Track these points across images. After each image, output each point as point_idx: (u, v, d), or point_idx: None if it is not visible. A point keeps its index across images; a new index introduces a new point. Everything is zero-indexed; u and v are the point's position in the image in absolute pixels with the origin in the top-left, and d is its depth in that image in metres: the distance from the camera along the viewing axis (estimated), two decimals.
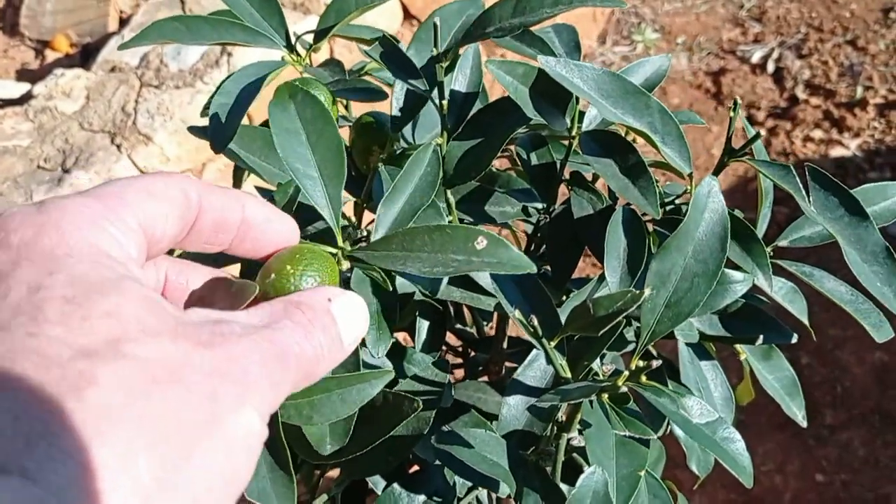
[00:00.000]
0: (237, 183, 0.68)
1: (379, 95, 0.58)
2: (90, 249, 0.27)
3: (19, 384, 0.23)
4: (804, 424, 0.64)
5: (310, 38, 0.63)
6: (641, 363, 0.41)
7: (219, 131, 0.52)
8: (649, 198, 0.52)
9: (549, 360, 0.45)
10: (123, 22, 1.85)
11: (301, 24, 1.45)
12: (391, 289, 0.51)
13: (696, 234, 0.43)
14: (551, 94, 0.54)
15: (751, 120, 2.05)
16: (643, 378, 0.43)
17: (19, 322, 0.25)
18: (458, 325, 0.76)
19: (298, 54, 0.61)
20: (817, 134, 2.01)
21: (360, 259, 0.42)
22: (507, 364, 0.74)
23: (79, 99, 1.37)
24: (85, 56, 1.87)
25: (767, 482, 1.45)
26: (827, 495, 1.44)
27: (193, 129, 0.64)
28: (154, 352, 0.25)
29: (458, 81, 0.57)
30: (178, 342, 0.26)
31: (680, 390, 0.46)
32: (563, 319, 0.48)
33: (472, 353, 0.76)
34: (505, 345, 0.72)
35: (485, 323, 0.77)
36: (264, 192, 0.64)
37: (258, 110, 0.80)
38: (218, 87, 0.65)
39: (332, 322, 0.31)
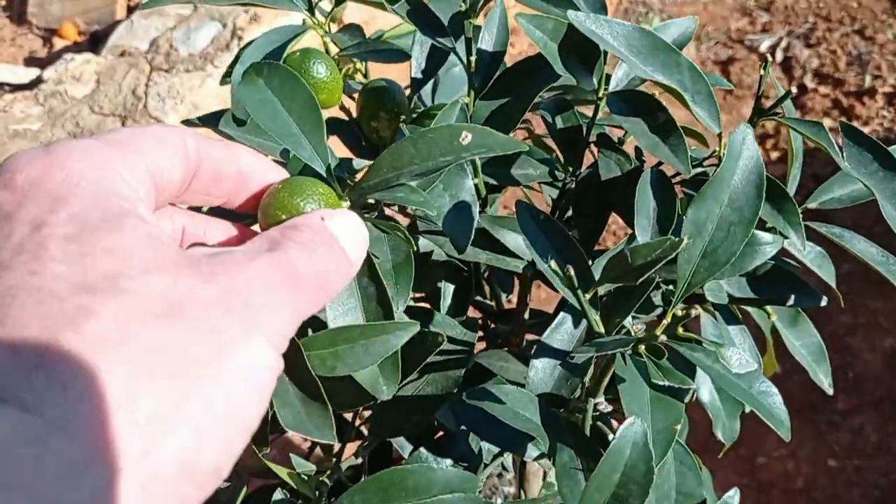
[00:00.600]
0: None
1: (400, 56, 0.57)
2: (95, 188, 0.27)
3: (18, 319, 0.23)
4: (830, 392, 0.64)
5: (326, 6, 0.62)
6: (680, 312, 0.41)
7: (241, 101, 0.51)
8: (680, 155, 0.51)
9: (584, 315, 0.44)
10: (131, 9, 1.85)
11: None
12: (415, 247, 0.50)
13: (732, 182, 0.42)
14: (580, 51, 0.53)
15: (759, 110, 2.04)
16: (680, 330, 0.42)
17: (21, 260, 0.25)
18: (478, 298, 0.75)
19: (325, 17, 0.60)
20: (826, 122, 2.00)
21: (359, 192, 0.42)
22: (528, 336, 0.73)
23: (89, 83, 1.37)
24: (93, 44, 1.86)
25: (779, 467, 1.45)
26: (839, 480, 1.43)
27: (188, 123, 0.63)
28: (154, 286, 0.25)
29: (485, 40, 0.56)
30: (180, 277, 0.26)
31: (717, 342, 0.45)
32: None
33: (493, 325, 0.75)
34: (526, 316, 0.71)
35: (504, 295, 0.76)
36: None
37: None
38: (238, 55, 0.65)
39: (332, 237, 0.31)
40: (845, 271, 1.59)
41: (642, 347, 0.43)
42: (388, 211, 0.54)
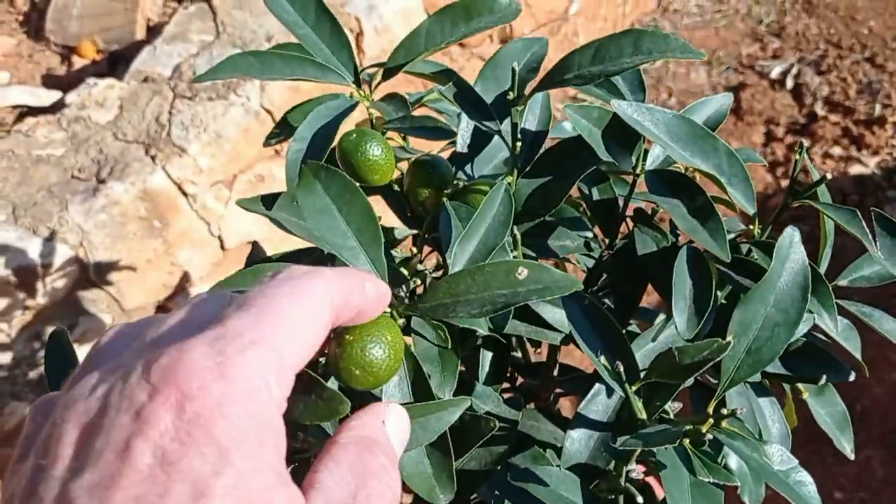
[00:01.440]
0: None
1: (445, 134, 0.59)
2: (255, 434, 0.26)
3: None
4: (852, 457, 0.66)
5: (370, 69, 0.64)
6: (725, 411, 0.42)
7: (296, 183, 0.52)
8: (719, 240, 0.53)
9: (628, 403, 0.46)
10: (151, 30, 1.86)
11: None
12: (449, 346, 0.52)
13: (778, 285, 0.44)
14: (622, 136, 0.55)
15: (770, 136, 2.06)
16: (724, 423, 0.44)
17: None
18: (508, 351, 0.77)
19: (364, 91, 0.62)
20: (836, 151, 2.02)
21: (413, 314, 0.44)
22: (556, 390, 0.75)
23: (112, 109, 1.39)
24: (112, 63, 1.88)
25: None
26: None
27: (242, 203, 0.64)
28: None
29: (528, 121, 0.58)
30: None
31: (758, 436, 0.47)
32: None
33: (520, 380, 0.77)
34: (556, 371, 0.73)
35: (532, 350, 0.78)
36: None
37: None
38: (284, 117, 0.67)
39: (393, 451, 0.33)
40: (853, 293, 1.61)
41: (686, 440, 0.45)
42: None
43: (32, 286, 1.26)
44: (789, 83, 2.21)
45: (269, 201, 0.56)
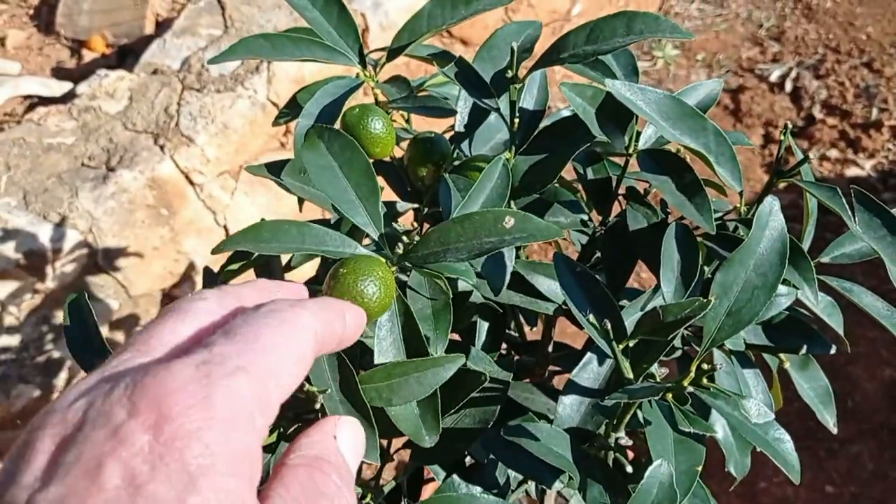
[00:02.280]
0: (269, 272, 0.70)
1: (446, 112, 0.61)
2: (228, 464, 0.25)
3: None
4: (835, 431, 0.68)
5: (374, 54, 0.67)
6: (706, 366, 0.45)
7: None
8: (705, 214, 0.56)
9: (616, 363, 0.49)
10: (160, 25, 1.89)
11: None
12: (451, 295, 0.55)
13: (758, 250, 0.47)
14: (615, 115, 0.58)
15: (768, 138, 2.09)
16: (704, 380, 0.46)
17: None
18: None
19: (372, 68, 0.65)
20: (833, 153, 2.05)
21: (406, 260, 0.47)
22: (551, 368, 0.78)
23: (122, 100, 1.42)
24: (121, 57, 1.91)
25: (779, 493, 1.49)
26: None
27: (252, 169, 0.67)
28: None
29: (526, 100, 0.60)
30: None
31: (739, 393, 0.49)
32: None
33: (516, 357, 0.80)
34: (550, 349, 0.75)
35: (528, 328, 0.80)
36: (322, 221, 0.66)
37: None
38: (293, 98, 0.70)
39: (347, 468, 0.32)
40: (845, 302, 1.64)
41: (670, 396, 0.47)
42: None
43: (42, 270, 1.29)
44: (788, 86, 2.24)
45: (276, 168, 0.59)
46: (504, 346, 0.81)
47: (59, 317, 1.34)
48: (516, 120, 0.57)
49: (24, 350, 1.33)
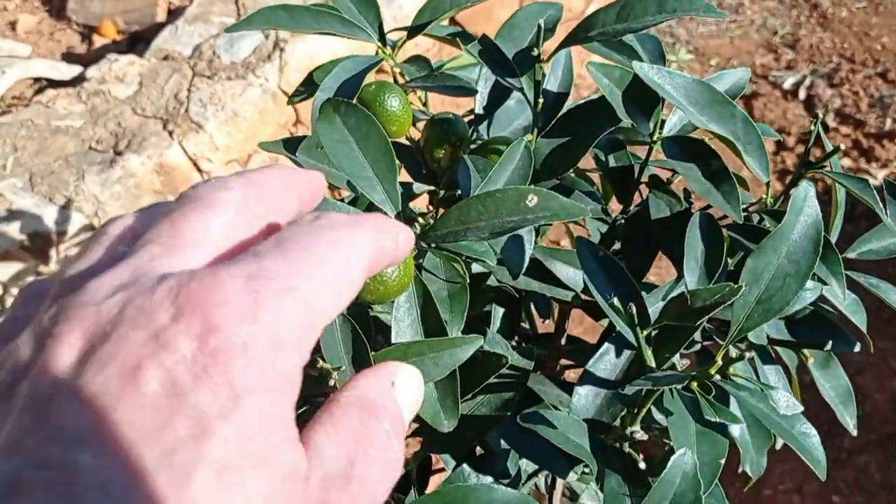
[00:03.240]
0: None
1: (466, 91, 0.60)
2: (273, 385, 0.24)
3: None
4: (854, 433, 0.66)
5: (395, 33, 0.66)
6: (734, 353, 0.43)
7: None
8: (732, 202, 0.54)
9: (639, 350, 0.47)
10: (172, 12, 1.88)
11: None
12: (467, 279, 0.53)
13: (792, 236, 0.45)
14: (641, 99, 0.56)
15: (781, 145, 2.08)
16: (731, 369, 0.45)
17: (164, 480, 0.22)
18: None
19: (391, 48, 0.63)
20: (846, 162, 2.03)
21: (425, 239, 0.45)
22: (562, 362, 0.76)
23: (132, 84, 1.40)
24: (132, 43, 1.90)
25: (785, 500, 1.47)
26: None
27: (265, 146, 0.65)
28: None
29: (550, 81, 0.59)
30: None
31: (767, 384, 0.48)
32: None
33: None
34: (563, 341, 0.74)
35: (540, 320, 0.79)
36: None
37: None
38: (310, 76, 0.68)
39: (401, 418, 0.30)
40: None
41: (694, 384, 0.46)
42: None
43: (46, 252, 1.27)
44: (802, 94, 2.22)
45: (292, 145, 0.58)
46: (515, 338, 0.79)
47: None
48: (540, 101, 0.55)
49: None
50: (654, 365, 0.48)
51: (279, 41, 1.43)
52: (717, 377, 0.44)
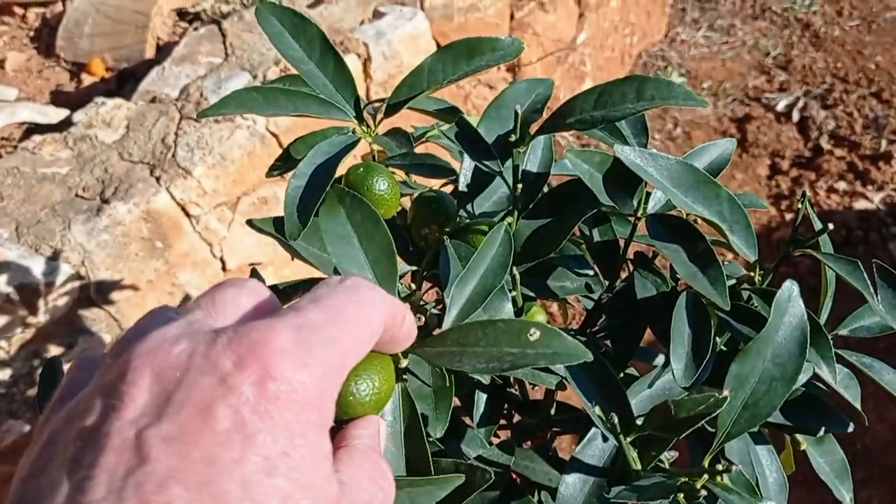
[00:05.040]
0: None
1: (445, 172, 0.58)
2: (318, 425, 0.28)
3: None
4: None
5: (368, 102, 0.64)
6: (720, 466, 0.42)
7: (294, 219, 0.52)
8: (718, 288, 0.53)
9: (621, 451, 0.46)
10: (160, 49, 1.88)
11: None
12: (452, 387, 0.51)
13: (776, 339, 0.44)
14: (623, 180, 0.55)
15: (775, 169, 2.06)
16: (718, 478, 0.43)
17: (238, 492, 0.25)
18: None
19: (368, 125, 0.62)
20: (841, 185, 2.02)
21: (418, 353, 0.43)
22: (554, 429, 0.75)
23: (119, 129, 1.39)
24: (121, 81, 1.89)
25: None
26: None
27: (252, 225, 0.64)
28: None
29: (530, 161, 0.58)
30: None
31: (739, 488, 0.46)
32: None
33: (518, 417, 0.76)
34: (553, 410, 0.72)
35: (531, 387, 0.77)
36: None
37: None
38: (285, 152, 0.67)
39: (386, 461, 0.34)
40: (854, 342, 1.61)
41: (680, 495, 0.44)
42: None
43: (33, 304, 1.26)
44: (795, 116, 2.21)
45: (281, 224, 0.56)
46: (506, 406, 0.78)
47: (51, 351, 1.31)
48: (519, 185, 0.54)
49: (14, 385, 1.30)
50: (639, 467, 0.47)
51: (266, 82, 1.42)
52: (705, 492, 0.42)
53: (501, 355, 0.37)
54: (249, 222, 0.62)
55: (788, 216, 1.96)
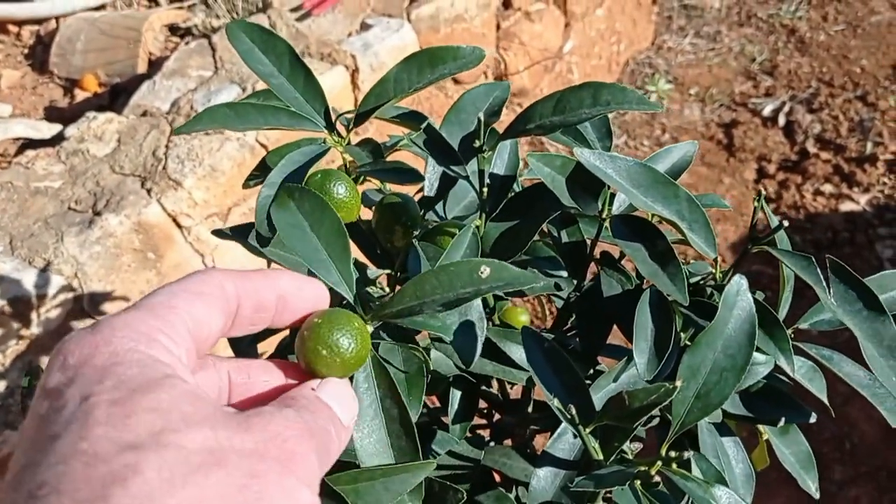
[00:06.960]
0: None
1: (415, 178, 0.60)
2: (138, 357, 0.30)
3: (71, 484, 0.26)
4: (817, 496, 0.67)
5: (335, 111, 0.66)
6: (673, 454, 0.44)
7: (264, 226, 0.54)
8: (678, 284, 0.55)
9: (582, 442, 0.47)
10: (152, 64, 1.90)
11: (328, 75, 1.49)
12: (429, 363, 0.53)
13: (726, 331, 0.46)
14: (586, 183, 0.57)
15: (762, 173, 2.09)
16: (673, 466, 0.45)
17: (71, 430, 0.27)
18: (483, 387, 0.78)
19: (339, 134, 0.64)
20: (827, 188, 2.04)
21: (381, 315, 0.45)
22: (532, 427, 0.76)
23: (110, 142, 1.41)
24: (113, 96, 1.91)
25: None
26: None
27: (218, 233, 0.66)
28: (195, 439, 0.27)
29: (497, 165, 0.60)
30: (217, 429, 0.28)
31: (708, 479, 0.48)
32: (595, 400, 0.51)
33: (497, 417, 0.78)
34: (530, 408, 0.74)
35: (509, 385, 0.79)
36: None
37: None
38: (261, 162, 0.69)
39: (325, 406, 0.35)
40: (844, 339, 1.62)
41: (637, 482, 0.46)
42: None
43: (27, 316, 1.28)
44: (781, 121, 2.23)
45: (241, 231, 0.58)
46: (485, 405, 0.79)
47: (45, 363, 1.33)
48: (485, 189, 0.56)
49: (9, 396, 1.32)
50: (601, 457, 0.49)
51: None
52: (660, 479, 0.44)
53: (457, 295, 0.40)
54: (216, 232, 0.64)
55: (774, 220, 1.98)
